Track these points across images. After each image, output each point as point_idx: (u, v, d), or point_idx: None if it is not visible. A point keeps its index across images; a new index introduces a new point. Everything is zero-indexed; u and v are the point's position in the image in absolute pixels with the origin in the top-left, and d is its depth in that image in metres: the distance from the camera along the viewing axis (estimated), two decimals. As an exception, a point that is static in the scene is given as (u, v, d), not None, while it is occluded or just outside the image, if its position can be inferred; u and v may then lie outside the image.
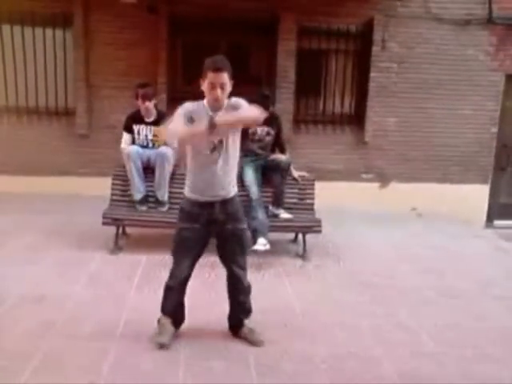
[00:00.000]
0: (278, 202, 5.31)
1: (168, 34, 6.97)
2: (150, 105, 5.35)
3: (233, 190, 3.31)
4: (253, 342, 3.40)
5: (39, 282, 4.25)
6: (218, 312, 3.56)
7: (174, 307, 3.41)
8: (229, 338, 3.47)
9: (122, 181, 5.32)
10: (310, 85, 7.44)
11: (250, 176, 5.22)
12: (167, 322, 3.38)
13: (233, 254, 3.37)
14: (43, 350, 3.20)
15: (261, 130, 5.36)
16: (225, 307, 3.55)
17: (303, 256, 5.19)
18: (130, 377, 2.99)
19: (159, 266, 4.53)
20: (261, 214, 5.02)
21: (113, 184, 5.36)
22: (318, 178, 5.73)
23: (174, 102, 7.05)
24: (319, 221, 5.21)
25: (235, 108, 3.11)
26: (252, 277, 4.53)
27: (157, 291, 3.92)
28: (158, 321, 3.41)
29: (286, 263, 5.04)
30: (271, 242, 4.91)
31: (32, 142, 7.11)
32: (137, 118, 5.40)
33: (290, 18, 7.00)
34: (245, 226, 3.43)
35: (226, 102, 3.15)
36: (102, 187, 5.44)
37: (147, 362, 3.14)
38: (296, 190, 5.50)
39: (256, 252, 4.79)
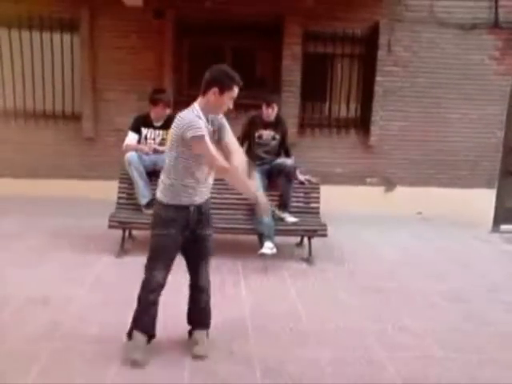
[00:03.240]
0: (283, 205, 5.32)
1: (174, 37, 7.00)
2: (169, 111, 5.36)
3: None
4: (191, 353, 3.25)
5: (44, 285, 4.26)
6: (221, 316, 3.56)
7: (152, 323, 3.21)
8: (234, 341, 3.46)
9: (128, 184, 5.33)
10: (315, 89, 7.44)
11: (256, 180, 5.23)
12: (143, 339, 3.17)
13: (197, 262, 3.27)
14: (48, 353, 3.21)
15: (266, 135, 5.37)
16: (229, 311, 3.55)
17: (308, 260, 5.20)
18: (135, 380, 3.00)
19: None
20: (267, 218, 5.02)
21: (119, 187, 5.38)
22: (324, 181, 5.74)
23: (180, 105, 7.11)
24: (324, 224, 5.21)
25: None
26: (257, 280, 4.58)
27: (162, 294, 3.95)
28: (129, 334, 3.22)
29: (291, 267, 5.04)
30: (276, 246, 4.92)
31: (39, 146, 7.16)
32: (146, 121, 5.41)
33: (296, 21, 7.02)
34: (211, 232, 3.28)
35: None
36: (108, 190, 5.47)
37: (152, 365, 3.14)
38: (301, 194, 5.51)
39: (263, 256, 4.81)
